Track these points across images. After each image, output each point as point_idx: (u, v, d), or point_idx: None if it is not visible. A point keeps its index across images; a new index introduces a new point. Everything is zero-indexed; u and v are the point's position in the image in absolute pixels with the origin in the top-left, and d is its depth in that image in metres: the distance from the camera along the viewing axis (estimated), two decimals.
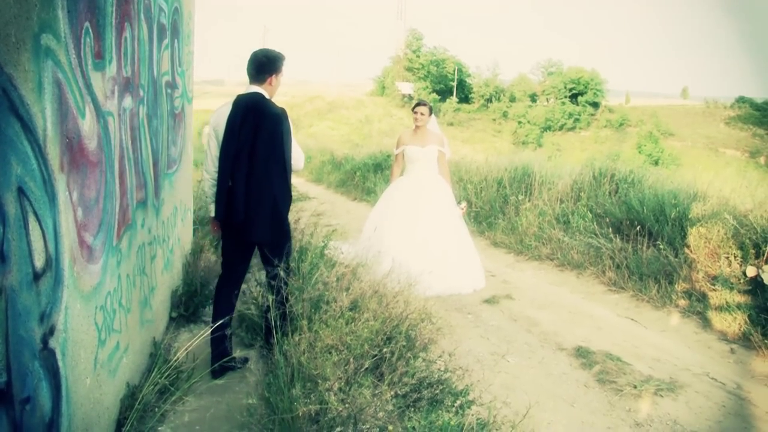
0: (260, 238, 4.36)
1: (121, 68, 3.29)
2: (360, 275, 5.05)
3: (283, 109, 4.41)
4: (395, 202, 7.18)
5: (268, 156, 4.24)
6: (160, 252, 4.50)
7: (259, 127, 4.22)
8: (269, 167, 4.25)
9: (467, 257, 7.07)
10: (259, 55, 4.43)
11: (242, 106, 4.29)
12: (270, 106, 4.34)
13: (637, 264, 7.00)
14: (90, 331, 2.78)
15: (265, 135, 4.23)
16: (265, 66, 4.39)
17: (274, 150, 4.25)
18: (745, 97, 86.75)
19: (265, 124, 4.24)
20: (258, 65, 4.38)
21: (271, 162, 4.25)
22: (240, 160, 4.21)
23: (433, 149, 7.16)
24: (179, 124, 5.37)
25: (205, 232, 6.59)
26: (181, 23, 5.19)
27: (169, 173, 4.94)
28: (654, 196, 7.83)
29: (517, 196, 10.06)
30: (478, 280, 7.07)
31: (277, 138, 4.26)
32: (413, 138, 7.25)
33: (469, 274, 7.01)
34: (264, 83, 4.40)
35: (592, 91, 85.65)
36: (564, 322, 6.05)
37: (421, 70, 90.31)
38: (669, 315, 6.20)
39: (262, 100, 4.33)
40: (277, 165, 4.28)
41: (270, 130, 4.25)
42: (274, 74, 4.43)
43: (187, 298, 5.16)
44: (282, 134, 4.28)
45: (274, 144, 4.25)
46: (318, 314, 4.25)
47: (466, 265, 7.01)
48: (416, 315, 4.57)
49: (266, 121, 4.26)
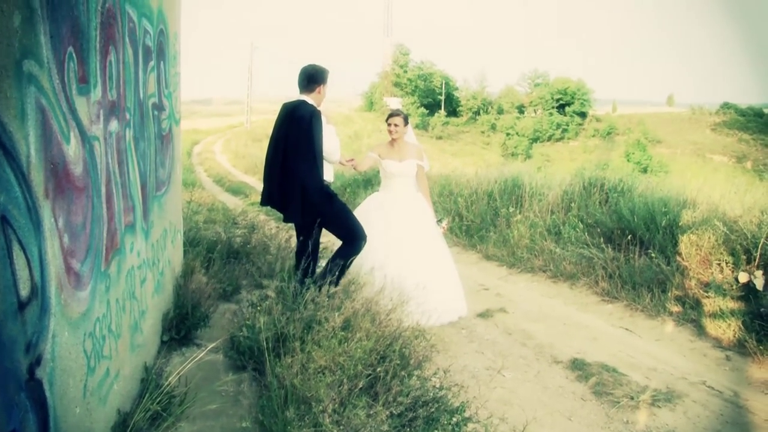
0: (294, 220, 5.45)
1: (107, 92, 3.27)
2: (352, 293, 5.03)
3: (313, 111, 5.28)
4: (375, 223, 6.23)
5: (297, 150, 5.20)
6: (150, 275, 4.45)
7: (291, 127, 5.27)
8: (298, 160, 5.20)
9: (449, 283, 6.34)
10: (308, 69, 5.44)
11: (282, 111, 5.47)
12: (302, 108, 5.30)
13: (630, 273, 7.00)
14: (79, 358, 2.74)
15: (295, 132, 5.22)
16: (314, 77, 5.41)
17: (303, 145, 5.18)
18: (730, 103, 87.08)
19: (295, 124, 5.24)
20: (308, 77, 5.41)
21: (299, 155, 5.20)
22: (277, 155, 5.35)
23: (411, 164, 6.49)
24: (167, 146, 5.33)
25: (196, 253, 6.55)
26: (167, 45, 5.17)
27: (158, 195, 4.90)
28: (644, 205, 7.85)
29: (508, 208, 10.06)
30: (460, 307, 6.35)
31: (303, 135, 5.19)
32: (390, 151, 6.56)
33: (452, 301, 6.28)
34: (313, 92, 5.42)
35: (579, 101, 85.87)
36: (559, 334, 6.03)
37: (409, 85, 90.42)
38: (663, 324, 6.20)
39: (298, 105, 5.36)
40: (306, 158, 5.19)
41: (299, 128, 5.20)
42: (321, 84, 5.44)
43: (179, 320, 5.10)
44: (310, 131, 5.17)
45: (303, 140, 5.18)
46: (310, 335, 4.22)
47: (448, 291, 6.27)
48: (410, 332, 4.55)
49: (296, 121, 5.25)
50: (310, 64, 5.52)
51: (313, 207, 5.28)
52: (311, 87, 5.42)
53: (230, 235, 8.11)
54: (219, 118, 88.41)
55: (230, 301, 6.29)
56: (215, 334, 5.17)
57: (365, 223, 5.82)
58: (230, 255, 7.39)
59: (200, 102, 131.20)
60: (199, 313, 5.28)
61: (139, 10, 4.09)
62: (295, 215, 5.34)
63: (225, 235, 7.90)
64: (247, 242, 7.89)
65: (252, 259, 7.40)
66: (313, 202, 5.26)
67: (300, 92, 5.47)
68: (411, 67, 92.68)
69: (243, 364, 4.59)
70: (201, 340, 5.09)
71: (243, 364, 4.59)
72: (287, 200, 5.32)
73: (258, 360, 4.44)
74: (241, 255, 7.49)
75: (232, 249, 7.54)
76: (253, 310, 4.88)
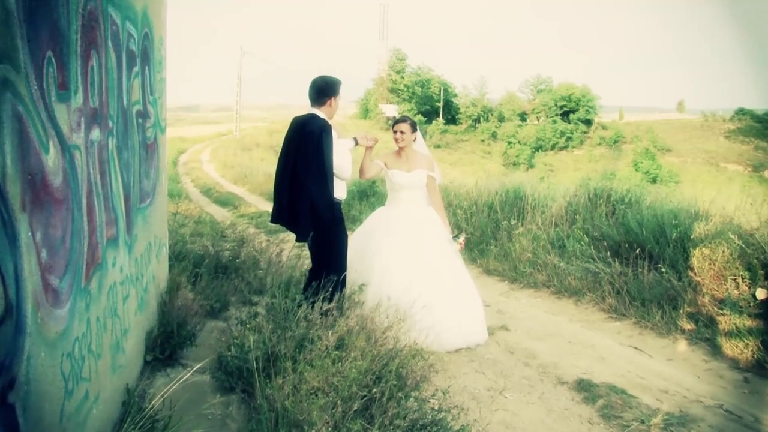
0: (302, 239, 5.43)
1: (88, 99, 3.25)
2: (346, 311, 5.00)
3: (324, 125, 5.34)
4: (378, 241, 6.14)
5: (307, 166, 5.26)
6: (133, 291, 4.42)
7: (300, 142, 5.33)
8: (307, 176, 5.26)
9: (463, 305, 6.06)
10: (318, 81, 5.51)
11: (292, 125, 5.57)
12: (312, 122, 5.36)
13: (639, 289, 6.97)
14: (56, 381, 2.70)
15: (305, 147, 5.28)
16: (324, 90, 5.49)
17: (312, 160, 5.25)
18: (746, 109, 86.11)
19: (305, 139, 5.30)
20: (318, 90, 5.49)
21: (308, 171, 5.26)
22: (286, 171, 5.43)
23: (420, 174, 6.24)
24: (152, 155, 5.32)
25: (182, 268, 6.52)
26: (151, 49, 5.17)
27: (142, 207, 4.88)
28: (653, 217, 7.84)
29: (509, 220, 10.04)
30: (477, 333, 6.13)
31: (313, 150, 5.24)
32: (397, 161, 6.33)
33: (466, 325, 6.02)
34: (324, 105, 5.49)
35: (584, 108, 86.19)
36: (564, 353, 6.01)
37: (406, 92, 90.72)
38: (675, 342, 6.16)
39: (308, 119, 5.43)
40: (315, 174, 5.25)
41: (308, 143, 5.26)
42: (332, 96, 5.51)
43: (164, 339, 5.07)
44: (320, 146, 5.23)
45: (312, 155, 5.25)
46: (302, 354, 4.20)
47: (461, 314, 5.99)
48: (407, 351, 4.52)
49: (306, 135, 5.31)
50: (320, 76, 5.59)
51: (324, 224, 5.35)
52: (322, 100, 5.50)
53: (218, 249, 8.09)
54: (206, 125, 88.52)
55: (218, 318, 6.25)
56: (202, 353, 5.13)
57: (368, 242, 5.82)
58: (218, 270, 7.35)
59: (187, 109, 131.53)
60: (185, 332, 5.25)
61: (122, 12, 4.08)
62: (305, 234, 5.38)
63: (213, 249, 7.88)
64: (236, 256, 7.85)
65: (241, 274, 7.37)
66: (323, 220, 5.32)
67: (311, 105, 5.56)
68: (408, 72, 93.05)
69: (231, 385, 4.56)
70: (187, 360, 5.05)
71: (231, 386, 4.56)
72: (296, 218, 5.38)
73: (247, 381, 4.41)
74: (230, 270, 7.45)
75: (220, 263, 7.50)
76: (242, 328, 4.86)
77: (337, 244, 5.55)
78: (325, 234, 5.44)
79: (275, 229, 13.80)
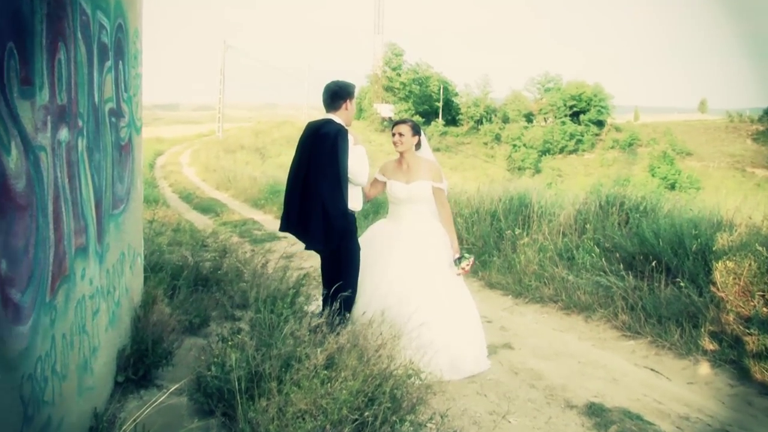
0: (316, 246, 5.66)
1: (55, 95, 3.23)
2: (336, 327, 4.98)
3: (339, 129, 5.52)
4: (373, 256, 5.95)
5: (320, 171, 5.44)
6: (104, 306, 4.40)
7: (314, 146, 5.53)
8: (320, 181, 5.42)
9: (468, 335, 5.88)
10: (331, 86, 5.76)
11: (306, 130, 5.80)
12: (327, 126, 5.58)
13: (655, 305, 6.96)
14: (14, 406, 2.67)
15: (318, 152, 5.48)
16: (338, 93, 5.71)
17: (326, 165, 5.41)
18: None
19: (319, 142, 5.50)
20: (332, 94, 5.71)
21: (322, 176, 5.43)
22: (298, 177, 5.61)
23: (422, 186, 5.98)
24: (126, 158, 5.30)
25: (158, 280, 6.49)
26: (126, 42, 5.15)
27: (115, 214, 4.86)
28: (671, 226, 7.83)
29: (514, 229, 10.04)
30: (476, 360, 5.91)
31: (327, 154, 5.42)
32: (396, 170, 6.10)
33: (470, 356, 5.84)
34: (339, 109, 5.70)
35: (595, 108, 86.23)
36: (573, 374, 5.99)
37: (402, 90, 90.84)
38: (696, 364, 6.13)
39: (323, 123, 5.64)
40: (329, 179, 5.40)
41: (322, 147, 5.46)
42: (347, 99, 5.73)
43: (137, 358, 5.04)
44: (335, 151, 5.40)
45: (326, 160, 5.42)
46: (289, 374, 4.18)
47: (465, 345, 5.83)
48: (402, 371, 4.50)
49: (319, 139, 5.51)
50: (332, 81, 5.83)
51: (336, 233, 5.48)
52: (337, 104, 5.71)
53: (198, 260, 8.06)
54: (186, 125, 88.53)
55: (197, 335, 6.23)
56: (179, 373, 5.10)
57: (363, 256, 5.80)
58: (198, 282, 7.33)
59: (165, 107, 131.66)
60: (161, 350, 5.22)
61: (93, 1, 4.07)
62: (317, 241, 5.55)
63: (192, 260, 7.84)
64: (218, 267, 7.84)
65: (223, 286, 7.36)
66: (336, 228, 5.46)
67: (326, 112, 5.78)
68: (405, 69, 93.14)
69: (211, 408, 4.53)
70: (162, 381, 5.03)
71: (211, 409, 4.52)
72: (308, 225, 5.53)
73: (228, 403, 4.38)
74: (211, 282, 7.44)
75: (200, 275, 7.49)
76: (223, 345, 4.83)
77: (350, 259, 5.68)
78: (337, 248, 5.60)
79: (260, 238, 13.81)
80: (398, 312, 5.42)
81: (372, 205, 12.10)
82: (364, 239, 6.13)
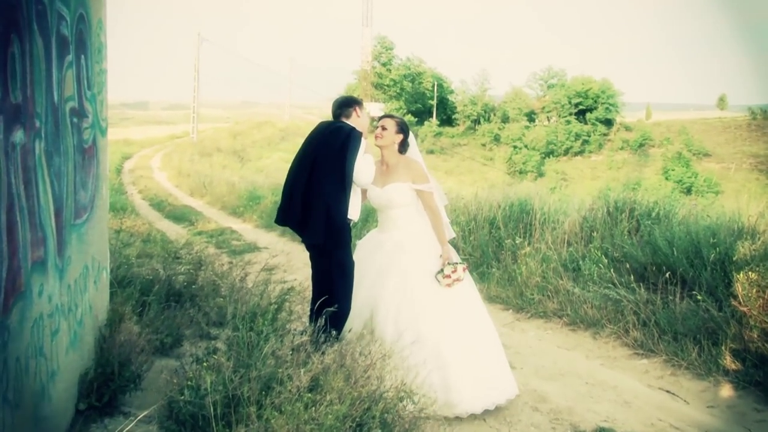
0: (313, 240, 5.74)
1: (9, 93, 3.20)
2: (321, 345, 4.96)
3: (353, 129, 5.76)
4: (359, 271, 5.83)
5: (325, 168, 5.63)
6: (64, 325, 4.36)
7: (321, 143, 5.77)
8: (324, 179, 5.62)
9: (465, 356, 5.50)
10: (339, 99, 6.12)
11: (316, 128, 6.04)
12: (340, 124, 5.86)
13: (670, 320, 6.96)
14: None
15: (326, 149, 5.69)
16: (347, 101, 6.05)
17: (333, 163, 5.61)
18: None
19: (328, 138, 5.75)
20: (340, 103, 6.03)
21: (327, 174, 5.62)
22: (302, 172, 5.75)
23: (397, 189, 5.83)
24: (90, 162, 5.27)
25: (126, 296, 6.45)
26: (88, 34, 5.12)
27: (78, 224, 4.83)
28: (686, 234, 7.84)
29: (514, 238, 10.06)
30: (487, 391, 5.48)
31: (335, 151, 5.62)
32: (377, 173, 5.92)
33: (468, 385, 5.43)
34: (350, 117, 5.96)
35: (603, 105, 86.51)
36: (580, 396, 5.99)
37: (393, 87, 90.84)
38: (717, 386, 6.10)
39: (336, 122, 5.93)
40: (334, 178, 5.60)
41: (333, 143, 5.68)
42: (356, 105, 6.03)
43: (101, 383, 5.00)
44: (344, 149, 5.59)
45: (333, 157, 5.62)
46: (269, 397, 4.16)
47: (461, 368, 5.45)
48: (393, 393, 4.48)
49: (330, 135, 5.76)
50: (340, 96, 6.30)
51: (336, 232, 5.64)
52: (346, 111, 5.98)
53: (171, 273, 8.02)
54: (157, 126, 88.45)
55: (169, 356, 6.22)
56: (149, 399, 5.08)
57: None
58: (170, 298, 7.31)
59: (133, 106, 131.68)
60: (129, 373, 5.18)
61: None
62: (317, 235, 5.65)
63: (164, 273, 7.82)
64: (193, 282, 7.84)
65: (198, 302, 7.34)
66: (337, 227, 5.63)
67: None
68: (395, 65, 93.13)
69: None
70: (129, 408, 4.99)
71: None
72: (308, 219, 5.68)
73: (203, 431, 4.36)
74: (185, 298, 7.43)
75: (172, 290, 7.48)
76: (197, 366, 4.80)
77: (342, 273, 5.72)
78: (329, 259, 5.71)
79: (239, 248, 13.79)
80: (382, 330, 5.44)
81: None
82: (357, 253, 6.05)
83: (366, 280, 5.81)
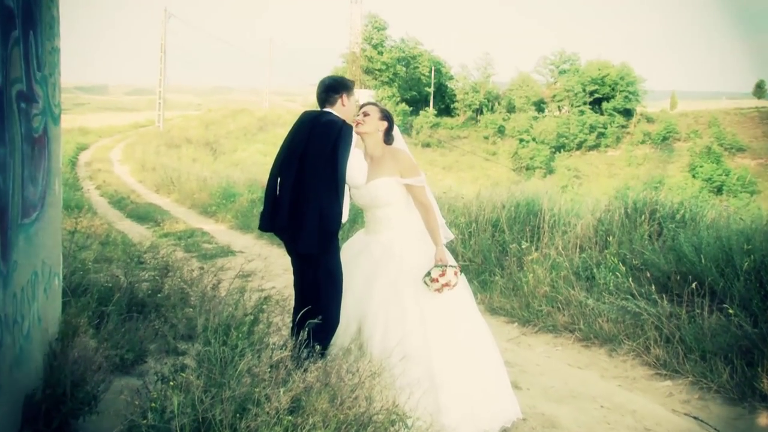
0: (306, 249, 5.62)
1: None
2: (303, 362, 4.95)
3: (344, 123, 5.72)
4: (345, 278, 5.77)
5: (317, 168, 5.59)
6: (8, 339, 4.34)
7: (311, 138, 5.70)
8: (317, 179, 5.57)
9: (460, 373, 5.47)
10: (326, 80, 6.04)
11: (301, 119, 5.99)
12: (329, 117, 5.79)
13: (697, 336, 6.94)
14: None
15: (317, 146, 5.64)
16: (333, 86, 5.97)
17: (325, 162, 5.57)
18: None
19: (319, 133, 5.68)
20: (326, 88, 5.95)
21: (319, 174, 5.58)
22: (289, 171, 5.70)
23: (382, 184, 5.79)
24: (40, 153, 5.24)
25: (82, 306, 6.43)
26: (38, 7, 5.10)
27: (26, 224, 4.80)
28: (716, 240, 7.85)
29: (520, 243, 10.07)
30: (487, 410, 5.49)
31: (327, 150, 5.57)
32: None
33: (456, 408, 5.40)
34: (335, 105, 5.92)
35: (622, 93, 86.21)
36: (594, 420, 5.99)
37: (385, 72, 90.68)
38: (753, 413, 6.09)
39: (322, 113, 5.89)
40: (326, 178, 5.55)
41: (324, 140, 5.62)
42: (344, 92, 5.96)
43: (50, 405, 4.97)
44: (337, 147, 5.55)
45: (325, 156, 5.57)
46: (244, 420, 4.15)
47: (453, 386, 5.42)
48: (384, 416, 4.48)
49: (320, 128, 5.70)
50: (327, 76, 6.15)
51: (329, 238, 5.63)
52: (332, 98, 5.93)
53: (133, 280, 8.01)
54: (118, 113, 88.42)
55: (130, 374, 6.21)
56: (105, 423, 5.06)
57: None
58: (132, 308, 7.31)
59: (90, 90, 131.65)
60: (83, 394, 5.16)
61: None
62: (311, 245, 5.58)
63: (125, 280, 7.81)
64: (158, 290, 7.84)
65: (164, 313, 7.33)
66: (331, 232, 5.62)
67: (321, 108, 6.01)
68: (388, 47, 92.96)
69: None
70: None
71: None
72: (299, 226, 5.60)
73: None
74: (149, 308, 7.43)
75: (135, 299, 7.49)
76: (163, 386, 4.78)
77: (329, 281, 5.68)
78: (316, 266, 5.65)
79: (211, 252, 13.78)
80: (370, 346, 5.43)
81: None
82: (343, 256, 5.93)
83: (351, 291, 5.77)
